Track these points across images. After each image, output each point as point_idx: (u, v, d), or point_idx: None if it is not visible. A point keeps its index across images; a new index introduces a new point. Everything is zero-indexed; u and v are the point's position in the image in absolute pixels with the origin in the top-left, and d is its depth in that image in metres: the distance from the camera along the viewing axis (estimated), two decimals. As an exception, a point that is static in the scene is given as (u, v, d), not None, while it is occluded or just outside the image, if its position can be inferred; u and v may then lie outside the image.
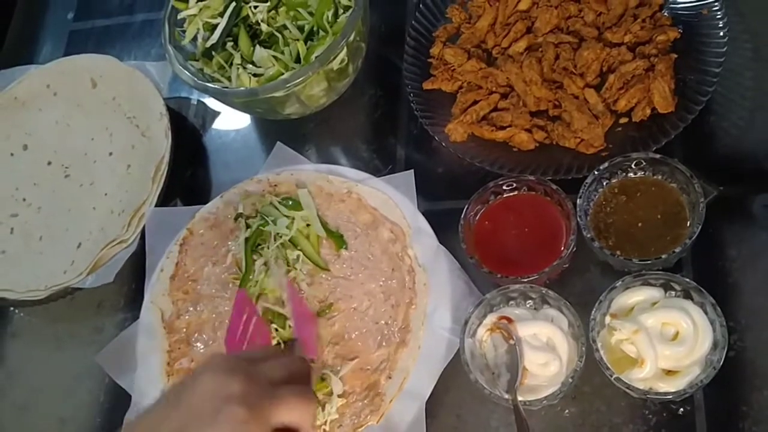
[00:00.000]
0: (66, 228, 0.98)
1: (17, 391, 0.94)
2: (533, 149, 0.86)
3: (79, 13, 1.20)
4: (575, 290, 0.79)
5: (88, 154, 1.02)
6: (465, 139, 0.88)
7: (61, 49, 1.17)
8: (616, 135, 0.84)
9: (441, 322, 0.80)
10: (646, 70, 0.84)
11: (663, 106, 0.82)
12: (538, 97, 0.87)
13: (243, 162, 0.99)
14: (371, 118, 0.98)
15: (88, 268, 0.93)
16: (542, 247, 0.78)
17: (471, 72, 0.91)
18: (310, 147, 0.97)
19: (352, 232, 0.88)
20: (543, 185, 0.80)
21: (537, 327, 0.73)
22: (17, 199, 1.02)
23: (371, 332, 0.83)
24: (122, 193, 0.97)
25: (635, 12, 0.89)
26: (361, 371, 0.81)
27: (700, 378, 0.68)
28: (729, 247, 0.78)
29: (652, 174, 0.78)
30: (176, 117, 1.02)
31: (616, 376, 0.69)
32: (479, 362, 0.75)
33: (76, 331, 0.95)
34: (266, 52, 0.92)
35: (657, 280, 0.72)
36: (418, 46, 0.96)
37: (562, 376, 0.72)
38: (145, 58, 1.09)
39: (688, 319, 0.69)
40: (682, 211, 0.76)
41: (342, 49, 0.88)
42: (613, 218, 0.77)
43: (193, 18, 0.96)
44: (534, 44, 0.91)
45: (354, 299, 0.84)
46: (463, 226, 0.79)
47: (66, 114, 1.05)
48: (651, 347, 0.69)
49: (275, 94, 0.88)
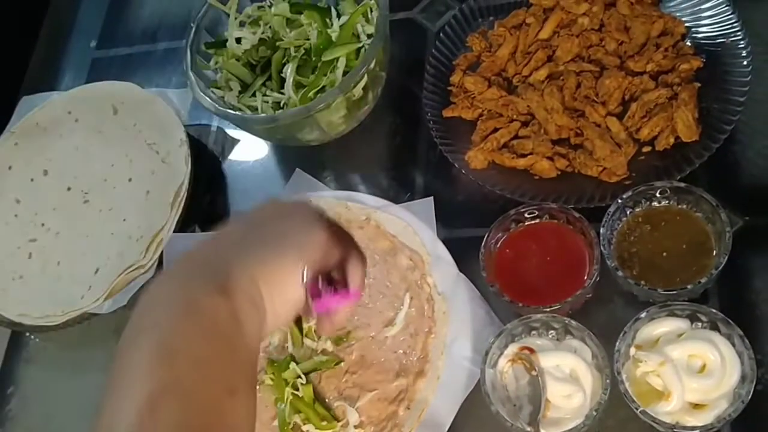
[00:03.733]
0: (84, 253, 0.98)
1: (31, 418, 0.93)
2: (555, 177, 0.85)
3: (102, 41, 1.22)
4: (599, 321, 0.77)
5: (107, 180, 1.02)
6: (485, 166, 0.88)
7: (83, 77, 1.18)
8: (639, 164, 0.83)
9: (461, 351, 0.79)
10: (669, 98, 0.84)
11: (687, 134, 0.81)
12: (560, 125, 0.86)
13: (262, 188, 0.99)
14: (390, 145, 0.98)
15: (106, 293, 0.93)
16: (565, 276, 0.76)
17: (491, 100, 0.91)
18: (329, 174, 0.97)
19: (371, 260, 0.86)
20: (565, 213, 0.79)
21: (560, 358, 0.72)
22: (36, 224, 1.02)
23: (389, 361, 0.81)
24: (141, 219, 0.97)
25: (657, 41, 0.88)
26: (379, 401, 0.80)
27: (728, 412, 0.66)
28: (756, 278, 0.77)
29: (676, 203, 0.76)
30: (196, 144, 1.02)
31: (642, 410, 0.67)
32: (500, 394, 0.73)
33: (91, 357, 0.95)
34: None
35: (683, 310, 0.71)
36: (438, 74, 0.96)
37: (586, 408, 0.70)
38: (166, 86, 1.10)
39: (716, 351, 0.68)
40: (707, 241, 0.74)
41: (363, 76, 0.88)
42: (638, 247, 0.76)
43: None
44: (555, 72, 0.90)
45: (372, 327, 0.83)
46: (483, 254, 0.78)
47: (87, 140, 1.06)
48: (677, 380, 0.67)
49: (295, 120, 0.88)
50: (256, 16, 0.99)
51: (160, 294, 0.57)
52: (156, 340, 0.52)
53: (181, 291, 0.56)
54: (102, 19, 1.24)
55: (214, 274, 0.56)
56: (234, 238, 0.60)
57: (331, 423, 0.78)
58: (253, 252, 0.58)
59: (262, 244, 0.59)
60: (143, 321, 0.55)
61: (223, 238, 0.62)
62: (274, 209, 0.63)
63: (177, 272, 0.60)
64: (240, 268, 0.57)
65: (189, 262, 0.60)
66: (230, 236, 0.61)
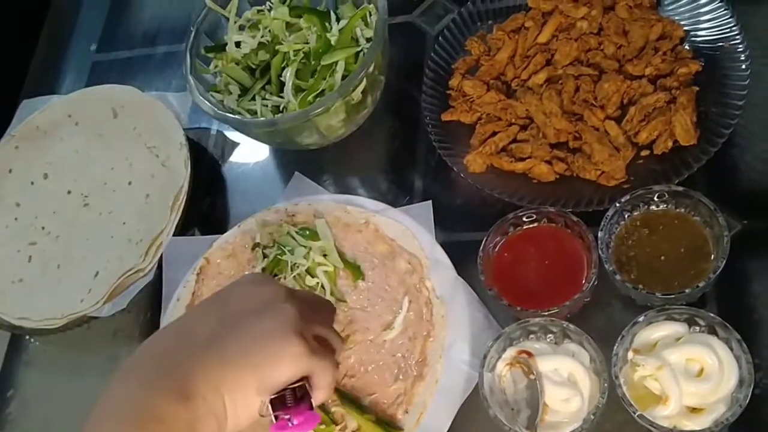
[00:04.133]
0: (84, 257, 0.98)
1: (31, 421, 0.93)
2: (553, 181, 0.85)
3: (102, 45, 1.22)
4: (597, 324, 0.77)
5: (107, 183, 1.03)
6: (484, 170, 0.88)
7: (83, 80, 1.19)
8: (637, 167, 0.83)
9: (459, 355, 0.79)
10: (668, 102, 0.84)
11: (685, 138, 0.81)
12: (558, 129, 0.86)
13: (261, 192, 1.00)
14: (389, 149, 0.98)
15: (105, 296, 0.93)
16: (563, 280, 0.76)
17: (490, 104, 0.91)
18: (328, 177, 0.97)
19: (369, 263, 0.87)
20: (564, 217, 0.79)
21: (558, 362, 0.72)
22: (36, 227, 1.02)
23: (388, 365, 0.81)
24: (140, 223, 0.97)
25: (656, 45, 0.88)
26: (377, 405, 0.80)
27: (726, 416, 0.66)
28: (754, 282, 0.76)
29: (674, 207, 0.76)
30: (196, 147, 1.03)
31: (640, 414, 0.67)
32: (498, 397, 0.73)
33: (91, 360, 0.95)
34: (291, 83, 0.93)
35: (681, 314, 0.71)
36: (437, 78, 0.96)
37: (584, 412, 0.70)
38: (166, 90, 1.10)
39: (713, 355, 0.68)
40: (705, 245, 0.74)
41: (362, 80, 0.88)
42: (636, 251, 0.76)
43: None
44: (554, 76, 0.90)
45: (370, 331, 0.83)
46: (482, 257, 0.78)
47: (87, 143, 1.06)
48: (675, 384, 0.67)
49: (294, 124, 0.88)
50: (255, 20, 0.99)
51: (118, 396, 0.55)
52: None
53: (140, 394, 0.54)
54: (102, 22, 1.24)
55: (175, 376, 0.54)
56: (203, 335, 0.57)
57: (330, 427, 0.79)
58: (221, 356, 0.56)
59: (232, 350, 0.56)
60: (102, 426, 0.53)
61: (191, 331, 0.58)
62: (250, 296, 0.59)
63: (138, 370, 0.57)
64: (204, 372, 0.54)
65: (151, 358, 0.58)
66: (199, 330, 0.58)
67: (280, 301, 0.58)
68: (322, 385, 0.60)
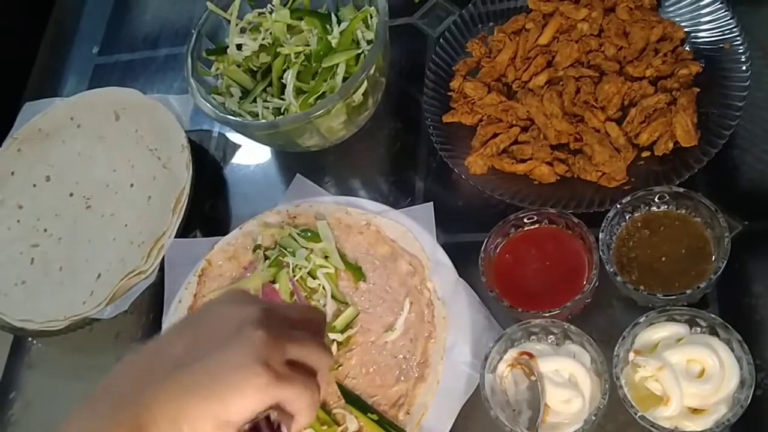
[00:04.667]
0: (86, 259, 0.98)
1: (33, 422, 0.94)
2: (554, 182, 0.85)
3: (104, 48, 1.22)
4: (598, 325, 0.77)
5: (109, 186, 1.03)
6: (485, 171, 0.88)
7: (85, 83, 1.19)
8: (638, 169, 0.83)
9: (460, 356, 0.79)
10: (668, 103, 0.84)
11: (686, 139, 0.81)
12: (559, 131, 0.87)
13: (262, 194, 1.00)
14: (390, 151, 0.98)
15: (107, 298, 0.93)
16: (564, 282, 0.77)
17: (491, 105, 0.91)
18: (329, 179, 0.98)
19: (371, 265, 0.87)
20: (564, 218, 0.79)
21: (559, 363, 0.72)
22: (38, 229, 1.02)
23: (389, 366, 0.81)
24: (142, 224, 0.97)
25: (656, 46, 0.88)
26: (379, 407, 0.80)
27: (727, 417, 0.66)
28: (755, 283, 0.76)
29: (675, 208, 0.77)
30: (197, 149, 1.03)
31: (641, 414, 0.67)
32: (500, 398, 0.73)
33: (93, 362, 0.95)
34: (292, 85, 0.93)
35: (682, 315, 0.71)
36: (438, 80, 0.96)
37: (585, 413, 0.70)
38: (168, 92, 1.10)
39: (714, 356, 0.68)
40: (706, 246, 0.74)
41: (363, 82, 0.88)
42: (636, 252, 0.76)
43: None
44: (554, 78, 0.91)
45: (372, 332, 0.83)
46: (483, 259, 0.79)
47: (89, 146, 1.06)
48: (676, 385, 0.67)
49: (295, 126, 0.89)
50: (256, 23, 0.99)
51: (72, 428, 0.55)
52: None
53: (93, 425, 0.54)
54: (104, 25, 1.25)
55: (132, 406, 0.53)
56: (167, 363, 0.55)
57: (332, 427, 0.79)
58: (181, 386, 0.53)
59: (193, 379, 0.54)
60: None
61: (157, 357, 0.57)
62: (221, 320, 0.57)
63: (98, 400, 0.57)
64: (162, 403, 0.53)
65: (110, 387, 0.57)
66: (164, 357, 0.56)
67: (250, 326, 0.55)
68: (299, 409, 0.56)
